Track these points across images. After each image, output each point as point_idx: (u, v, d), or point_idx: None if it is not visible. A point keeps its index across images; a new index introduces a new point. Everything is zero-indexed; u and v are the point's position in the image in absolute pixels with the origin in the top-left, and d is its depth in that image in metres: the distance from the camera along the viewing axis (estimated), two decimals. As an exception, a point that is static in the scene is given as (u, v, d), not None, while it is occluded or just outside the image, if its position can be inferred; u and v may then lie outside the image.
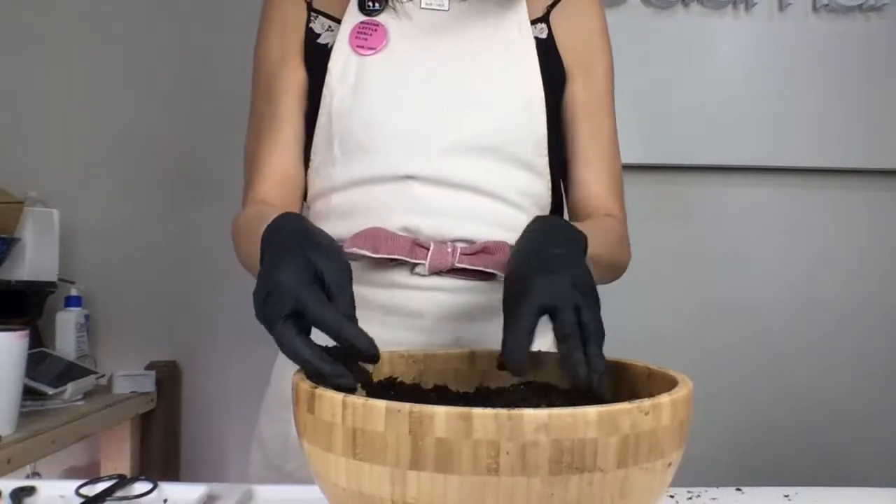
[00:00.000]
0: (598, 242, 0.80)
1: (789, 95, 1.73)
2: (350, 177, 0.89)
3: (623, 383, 0.67)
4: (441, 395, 0.69)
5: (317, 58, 0.92)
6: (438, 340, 0.86)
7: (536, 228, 0.72)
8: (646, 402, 0.49)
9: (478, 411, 0.46)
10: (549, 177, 0.94)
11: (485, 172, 0.89)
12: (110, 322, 1.76)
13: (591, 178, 0.95)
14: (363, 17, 0.91)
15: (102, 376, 1.59)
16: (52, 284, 1.63)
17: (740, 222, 1.78)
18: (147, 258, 1.78)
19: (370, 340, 0.58)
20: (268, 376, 1.05)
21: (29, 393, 1.31)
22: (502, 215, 0.89)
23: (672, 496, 0.79)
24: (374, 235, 0.85)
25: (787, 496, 0.80)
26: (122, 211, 1.79)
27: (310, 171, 0.94)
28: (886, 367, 1.74)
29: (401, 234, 0.86)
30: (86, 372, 1.51)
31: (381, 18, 0.91)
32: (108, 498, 0.71)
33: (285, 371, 0.90)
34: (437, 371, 0.72)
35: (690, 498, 0.79)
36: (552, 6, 0.96)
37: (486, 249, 0.87)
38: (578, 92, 0.96)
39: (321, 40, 0.93)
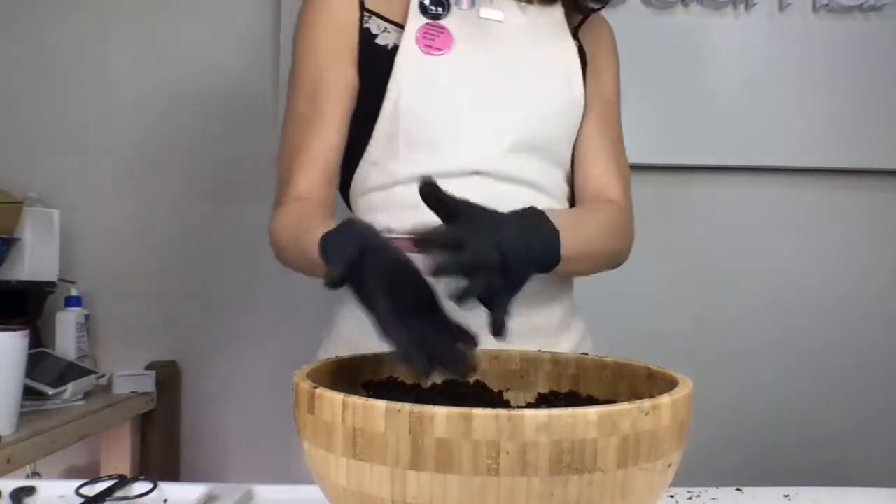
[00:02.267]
0: (590, 226, 0.91)
1: (789, 95, 1.73)
2: (416, 170, 0.91)
3: (623, 383, 0.67)
4: (443, 392, 0.69)
5: (374, 58, 0.96)
6: (514, 325, 0.89)
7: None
8: (646, 403, 0.49)
9: (478, 411, 0.46)
10: (570, 170, 1.03)
11: (538, 169, 0.97)
12: (110, 322, 1.76)
13: (600, 172, 1.02)
14: (426, 21, 0.96)
15: (102, 376, 1.59)
16: (52, 284, 1.63)
17: (739, 222, 1.78)
18: (147, 258, 1.78)
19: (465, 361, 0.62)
20: (268, 376, 1.06)
21: (29, 393, 1.31)
22: (552, 208, 0.95)
23: (672, 496, 0.79)
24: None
25: (787, 496, 0.81)
26: (122, 211, 1.79)
27: (364, 164, 0.97)
28: (887, 367, 1.74)
29: None
30: (86, 372, 1.51)
31: (444, 22, 0.96)
32: (108, 498, 0.71)
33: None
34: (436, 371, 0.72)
35: (690, 498, 0.80)
36: (579, 26, 1.06)
37: None
38: (589, 92, 1.03)
39: (379, 41, 0.96)
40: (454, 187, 0.88)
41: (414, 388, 0.69)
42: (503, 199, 0.89)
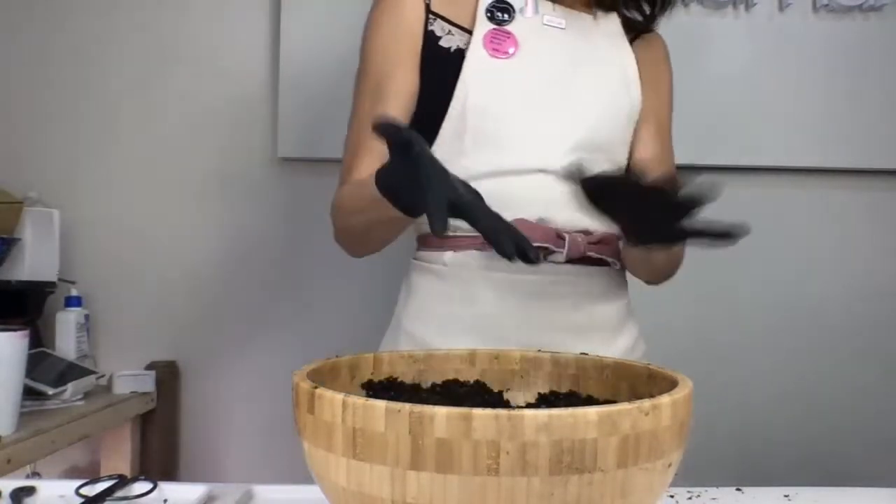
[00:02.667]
0: None
1: (789, 95, 1.73)
2: (482, 168, 0.96)
3: (623, 383, 0.67)
4: (443, 392, 0.69)
5: (437, 60, 0.99)
6: (574, 318, 0.98)
7: None
8: (646, 403, 0.49)
9: (478, 411, 0.46)
10: None
11: (597, 169, 0.98)
12: (110, 322, 1.76)
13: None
14: (493, 26, 1.00)
15: (102, 376, 1.59)
16: (52, 284, 1.63)
17: (738, 222, 1.78)
18: (147, 258, 1.78)
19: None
20: (268, 376, 1.07)
21: (29, 393, 1.31)
22: None
23: (672, 496, 0.79)
24: (522, 227, 0.91)
25: (787, 496, 0.81)
26: (122, 211, 1.79)
27: None
28: (887, 366, 1.74)
29: (543, 225, 0.97)
30: (86, 372, 1.51)
31: (511, 28, 1.00)
32: (108, 498, 0.71)
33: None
34: (437, 371, 0.72)
35: (690, 498, 0.80)
36: (633, 39, 1.10)
37: (603, 240, 1.00)
38: (646, 104, 1.08)
39: (443, 43, 1.00)
40: (518, 185, 0.97)
41: (414, 389, 0.69)
42: (565, 197, 0.93)
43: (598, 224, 0.98)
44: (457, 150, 0.97)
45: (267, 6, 1.78)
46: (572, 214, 0.95)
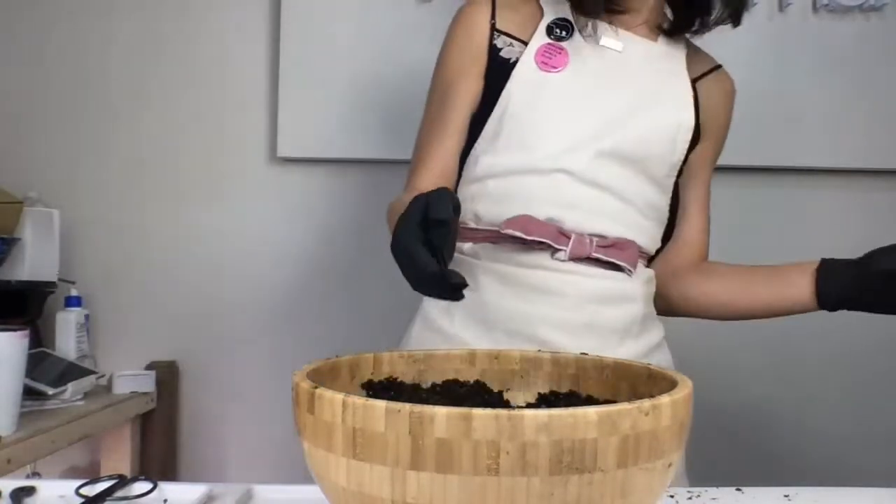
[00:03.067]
0: None
1: (788, 95, 1.73)
2: (507, 166, 1.01)
3: (623, 383, 0.67)
4: (443, 392, 0.69)
5: (496, 67, 1.04)
6: (575, 317, 0.99)
7: None
8: (646, 403, 0.49)
9: (478, 411, 0.46)
10: (670, 195, 1.09)
11: (624, 179, 1.02)
12: (110, 322, 1.76)
13: (698, 224, 1.14)
14: (549, 41, 1.04)
15: (102, 376, 1.59)
16: (52, 284, 1.63)
17: (738, 221, 1.78)
18: (147, 258, 1.78)
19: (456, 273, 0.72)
20: (268, 376, 1.07)
21: (29, 393, 1.31)
22: (631, 218, 1.03)
23: (672, 496, 0.79)
24: (525, 221, 0.98)
25: (787, 496, 0.81)
26: (122, 211, 1.79)
27: (469, 158, 1.06)
28: (887, 366, 1.74)
29: (547, 222, 0.98)
30: (86, 372, 1.51)
31: (565, 45, 1.04)
32: (108, 498, 0.71)
33: (422, 339, 1.03)
34: (437, 371, 0.72)
35: (690, 498, 0.80)
36: (700, 77, 1.12)
37: (616, 245, 1.01)
38: (707, 153, 1.14)
39: (503, 54, 1.05)
40: (536, 183, 1.00)
41: (414, 389, 0.69)
42: (580, 200, 1.01)
43: (614, 230, 1.01)
44: (490, 150, 1.03)
45: (267, 7, 1.78)
46: (586, 216, 1.00)
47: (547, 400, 0.70)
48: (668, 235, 1.12)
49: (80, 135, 1.79)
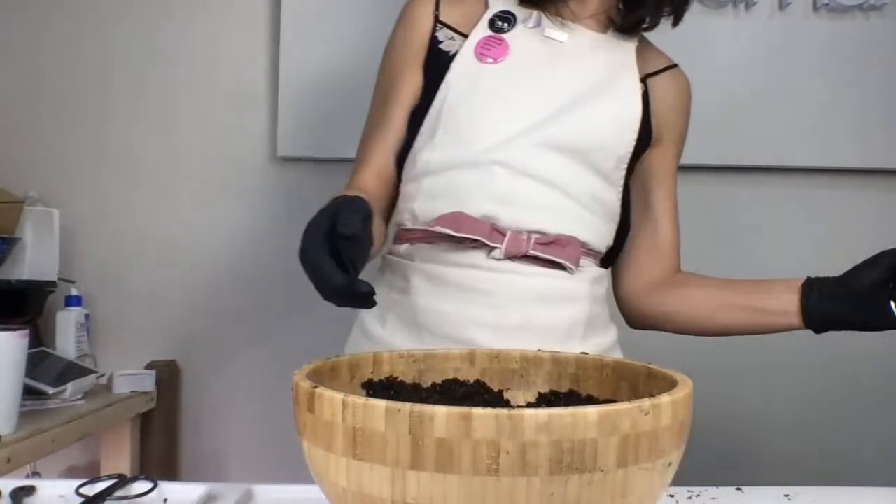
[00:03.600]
0: None
1: (789, 95, 1.73)
2: (444, 161, 0.98)
3: (623, 383, 0.67)
4: (443, 392, 0.69)
5: (435, 60, 1.02)
6: (510, 319, 0.95)
7: None
8: (646, 403, 0.49)
9: (478, 411, 0.46)
10: (620, 190, 1.04)
11: (566, 171, 0.98)
12: (110, 322, 1.76)
13: (670, 234, 1.10)
14: (490, 33, 1.01)
15: (102, 376, 1.59)
16: (52, 284, 1.63)
17: (739, 222, 1.78)
18: (147, 258, 1.78)
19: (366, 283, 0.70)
20: (268, 376, 1.07)
21: (29, 393, 1.31)
22: (573, 213, 0.98)
23: (672, 496, 0.79)
24: (456, 218, 0.94)
25: (787, 496, 0.81)
26: (122, 211, 1.79)
27: (409, 156, 1.03)
28: (887, 366, 1.74)
29: (481, 219, 0.95)
30: (86, 371, 1.51)
31: (506, 36, 1.01)
32: (108, 498, 0.71)
33: (358, 345, 1.01)
34: (437, 371, 0.72)
35: (690, 498, 0.80)
36: (652, 75, 1.07)
37: (557, 242, 0.96)
38: (668, 159, 1.10)
39: (443, 47, 1.03)
40: (471, 177, 0.96)
41: (414, 388, 0.69)
42: (518, 193, 0.96)
43: (555, 225, 0.97)
44: (428, 146, 0.99)
45: (267, 7, 1.78)
46: (523, 211, 0.96)
47: (547, 399, 0.70)
48: (621, 236, 1.08)
49: (80, 135, 1.79)
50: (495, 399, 0.71)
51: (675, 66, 1.12)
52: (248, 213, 1.79)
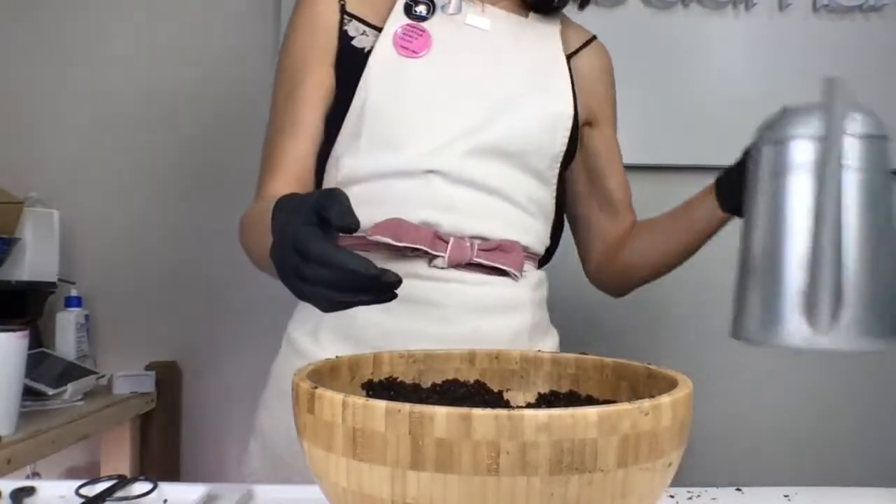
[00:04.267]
0: None
1: (788, 96, 1.72)
2: (373, 169, 0.92)
3: (623, 383, 0.67)
4: (443, 392, 0.69)
5: (348, 58, 0.95)
6: (455, 330, 0.91)
7: None
8: (646, 403, 0.49)
9: (478, 412, 0.46)
10: (555, 188, 1.01)
11: (502, 176, 0.94)
12: (110, 322, 1.76)
13: (623, 195, 1.11)
14: (409, 21, 0.94)
15: (102, 376, 1.59)
16: (52, 284, 1.63)
17: (738, 222, 1.78)
18: (147, 258, 1.78)
19: (376, 267, 0.60)
20: (268, 376, 1.06)
21: (29, 393, 1.31)
22: (514, 217, 0.95)
23: (672, 496, 0.79)
24: (395, 225, 0.89)
25: (787, 496, 0.81)
26: (122, 211, 1.79)
27: (329, 161, 0.96)
28: (887, 366, 1.74)
29: (421, 226, 0.90)
30: (86, 372, 1.51)
31: (426, 25, 0.95)
32: (108, 498, 0.71)
33: (290, 365, 0.94)
34: (437, 371, 0.72)
35: (690, 498, 0.80)
36: (575, 53, 1.05)
37: (500, 247, 0.93)
38: (609, 135, 1.09)
39: (356, 43, 0.95)
40: (405, 186, 0.91)
41: (414, 389, 0.69)
42: (461, 205, 0.92)
43: (496, 231, 0.94)
44: (352, 150, 0.93)
45: (267, 6, 1.78)
46: (464, 217, 0.92)
47: (547, 400, 0.70)
48: (556, 235, 1.06)
49: (80, 135, 1.79)
50: (495, 399, 0.71)
51: (594, 38, 1.08)
52: (248, 214, 1.79)
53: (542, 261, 1.05)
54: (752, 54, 1.73)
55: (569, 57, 1.03)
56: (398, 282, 0.61)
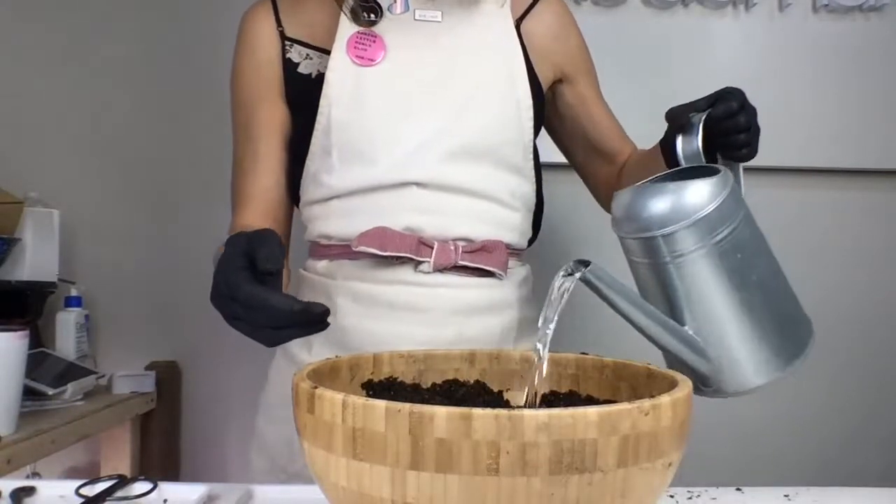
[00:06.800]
0: None
1: (789, 95, 1.73)
2: (351, 184, 0.92)
3: (623, 383, 0.67)
4: (443, 392, 0.69)
5: (299, 86, 0.95)
6: (443, 334, 0.91)
7: None
8: (646, 403, 0.49)
9: (478, 411, 0.46)
10: (534, 179, 1.01)
11: (480, 176, 0.94)
12: (110, 322, 1.76)
13: (612, 141, 1.10)
14: (358, 28, 0.93)
15: (102, 376, 1.59)
16: (52, 284, 1.63)
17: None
18: (147, 258, 1.78)
19: (304, 302, 0.62)
20: (268, 376, 1.06)
21: (29, 393, 1.31)
22: (497, 215, 0.95)
23: (672, 496, 0.79)
24: (380, 234, 0.89)
25: (787, 496, 0.81)
26: (122, 211, 1.79)
27: (304, 178, 0.97)
28: (887, 366, 1.74)
29: (405, 233, 0.90)
30: (86, 372, 1.51)
31: (377, 30, 0.93)
32: (108, 498, 0.71)
33: (283, 372, 0.94)
34: (437, 371, 0.72)
35: (690, 498, 0.80)
36: (522, 17, 1.01)
37: (485, 248, 0.93)
38: (583, 82, 1.07)
39: (301, 70, 0.95)
40: (388, 198, 0.91)
41: (414, 389, 0.69)
42: (444, 209, 0.92)
43: (479, 231, 0.94)
44: (326, 167, 0.93)
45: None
46: (447, 220, 0.92)
47: (547, 400, 0.70)
48: (537, 220, 1.05)
49: (80, 135, 1.79)
50: (495, 399, 0.71)
51: None
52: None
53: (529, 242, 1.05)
54: (752, 54, 1.73)
55: (518, 22, 1.00)
56: (325, 313, 0.63)
